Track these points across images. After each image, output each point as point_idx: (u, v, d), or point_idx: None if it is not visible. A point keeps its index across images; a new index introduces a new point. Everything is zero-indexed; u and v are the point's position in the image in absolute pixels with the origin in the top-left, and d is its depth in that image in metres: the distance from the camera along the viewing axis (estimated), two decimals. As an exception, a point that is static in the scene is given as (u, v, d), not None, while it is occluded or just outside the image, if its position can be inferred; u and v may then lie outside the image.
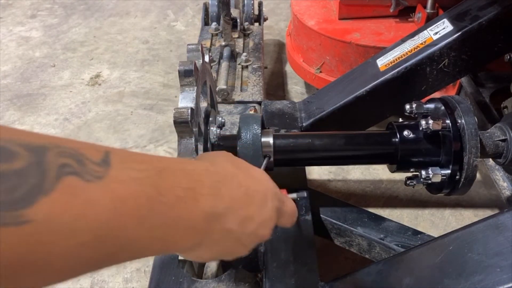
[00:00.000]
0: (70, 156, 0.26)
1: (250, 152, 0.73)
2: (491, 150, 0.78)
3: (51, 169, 0.25)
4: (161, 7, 2.32)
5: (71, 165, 0.26)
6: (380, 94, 0.92)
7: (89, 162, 0.27)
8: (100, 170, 0.27)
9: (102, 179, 0.27)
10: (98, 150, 0.28)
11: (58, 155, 0.25)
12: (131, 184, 0.28)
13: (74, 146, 0.27)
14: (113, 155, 0.28)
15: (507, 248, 0.61)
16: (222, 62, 1.20)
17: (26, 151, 0.24)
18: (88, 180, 0.26)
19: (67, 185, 0.25)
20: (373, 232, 0.89)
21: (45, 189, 0.24)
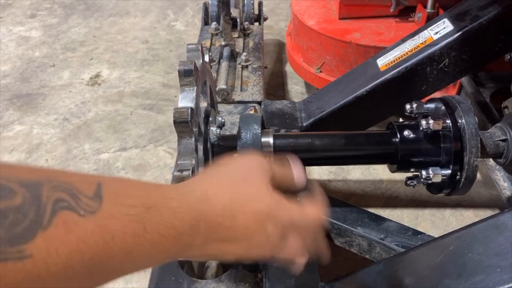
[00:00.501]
0: (64, 190, 0.27)
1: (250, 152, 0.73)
2: (491, 150, 0.78)
3: (48, 204, 0.26)
4: (161, 7, 2.32)
5: (65, 200, 0.27)
6: (380, 94, 0.92)
7: (82, 196, 0.28)
8: (93, 205, 0.28)
9: (95, 214, 0.28)
10: (90, 183, 0.30)
11: (53, 189, 0.27)
12: (120, 220, 0.30)
13: (68, 180, 0.28)
14: (105, 189, 0.30)
15: (507, 248, 0.61)
16: (222, 62, 1.20)
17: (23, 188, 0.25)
18: (82, 215, 0.27)
19: (63, 220, 0.26)
20: (373, 232, 0.89)
21: (44, 224, 0.25)
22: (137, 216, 0.31)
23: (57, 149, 1.44)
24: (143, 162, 1.38)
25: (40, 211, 0.25)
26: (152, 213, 0.32)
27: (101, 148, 1.44)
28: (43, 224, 0.25)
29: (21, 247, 0.24)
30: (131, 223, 0.31)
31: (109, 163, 1.38)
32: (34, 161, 1.39)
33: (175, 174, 0.57)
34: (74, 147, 1.45)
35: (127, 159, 1.39)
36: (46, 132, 1.52)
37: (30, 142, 1.47)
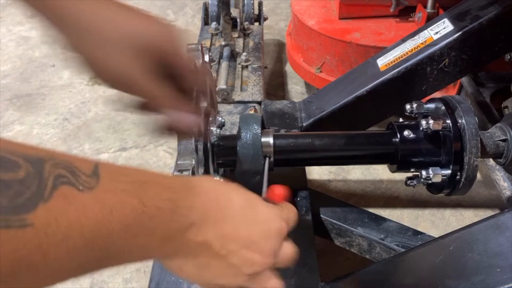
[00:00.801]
0: (65, 168, 0.29)
1: (250, 152, 0.73)
2: (491, 150, 0.78)
3: (49, 179, 0.27)
4: (161, 7, 2.32)
5: (66, 176, 0.28)
6: (380, 94, 0.92)
7: (81, 173, 0.29)
8: (91, 181, 0.30)
9: (93, 189, 0.29)
10: (88, 162, 0.31)
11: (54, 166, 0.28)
12: (118, 195, 0.31)
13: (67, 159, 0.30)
14: (102, 168, 0.31)
15: (507, 248, 0.61)
16: (222, 62, 1.20)
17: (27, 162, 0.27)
18: (81, 190, 0.29)
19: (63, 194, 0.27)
20: (373, 232, 0.89)
21: (45, 197, 0.26)
22: (133, 191, 0.32)
23: (57, 149, 1.43)
24: (143, 162, 1.38)
25: (42, 184, 0.27)
26: (147, 187, 0.34)
27: (101, 148, 1.44)
28: (44, 197, 0.26)
29: (23, 216, 0.25)
30: (128, 197, 0.32)
31: (109, 163, 1.38)
32: (34, 161, 1.39)
33: (175, 174, 0.57)
34: (74, 147, 1.45)
35: (127, 159, 1.39)
36: (46, 132, 1.52)
37: (30, 142, 1.47)
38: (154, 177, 0.35)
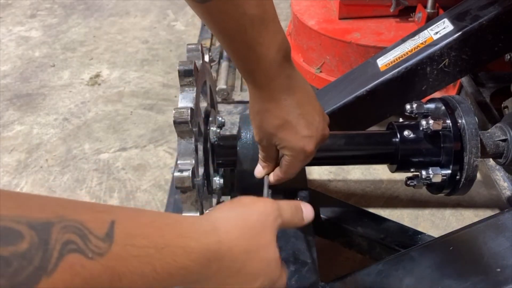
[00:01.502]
0: (75, 232, 0.27)
1: (250, 152, 0.73)
2: (491, 150, 0.78)
3: (55, 248, 0.26)
4: (161, 7, 2.32)
5: (75, 242, 0.27)
6: (380, 94, 0.92)
7: (93, 237, 0.28)
8: (103, 246, 0.28)
9: (103, 256, 0.28)
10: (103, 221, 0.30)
11: (63, 230, 0.26)
12: (130, 262, 0.30)
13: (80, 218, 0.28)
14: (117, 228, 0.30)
15: (507, 249, 0.61)
16: (222, 62, 1.20)
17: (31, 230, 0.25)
18: (90, 258, 0.27)
19: (70, 264, 0.26)
20: (373, 232, 0.89)
21: (49, 270, 0.25)
22: (148, 257, 0.31)
23: (57, 149, 1.44)
24: (143, 162, 1.38)
25: (47, 256, 0.25)
26: (164, 253, 0.33)
27: (101, 148, 1.44)
28: (48, 270, 0.25)
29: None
30: (140, 264, 0.31)
31: (109, 163, 1.38)
32: (34, 161, 1.39)
33: (175, 174, 0.57)
34: (74, 147, 1.45)
35: (127, 159, 1.39)
36: (46, 132, 1.52)
37: (30, 142, 1.47)
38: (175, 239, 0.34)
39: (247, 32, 0.51)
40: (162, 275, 0.32)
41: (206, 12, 0.51)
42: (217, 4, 0.49)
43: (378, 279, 0.68)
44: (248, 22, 0.50)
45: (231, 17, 0.50)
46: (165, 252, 0.33)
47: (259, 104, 0.58)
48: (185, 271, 0.35)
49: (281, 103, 0.57)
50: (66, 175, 1.34)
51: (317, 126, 0.60)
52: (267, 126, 0.59)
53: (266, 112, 0.58)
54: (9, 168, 1.37)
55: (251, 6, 0.49)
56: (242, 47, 0.53)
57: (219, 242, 0.38)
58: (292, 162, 0.63)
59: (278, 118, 0.58)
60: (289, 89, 0.57)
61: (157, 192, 1.27)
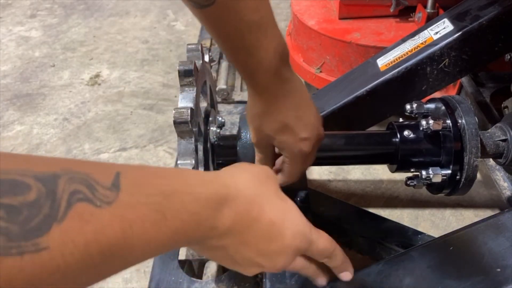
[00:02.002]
0: (81, 182, 0.28)
1: (250, 152, 0.73)
2: (491, 150, 0.78)
3: (63, 197, 0.26)
4: (161, 6, 2.32)
5: (82, 191, 0.27)
6: (380, 94, 0.92)
7: (99, 187, 0.28)
8: (110, 195, 0.29)
9: (111, 204, 0.28)
10: (109, 172, 0.30)
11: (69, 181, 0.27)
12: (138, 209, 0.30)
13: (85, 171, 0.29)
14: (123, 178, 0.30)
15: (507, 249, 0.61)
16: (222, 62, 1.20)
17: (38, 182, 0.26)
18: (98, 206, 0.28)
19: (78, 212, 0.27)
20: (373, 232, 0.89)
21: (59, 217, 0.26)
22: (156, 204, 0.31)
23: (57, 149, 1.44)
24: (143, 162, 1.38)
25: (55, 204, 0.26)
26: (172, 200, 0.33)
27: (101, 148, 1.44)
28: (58, 217, 0.26)
29: (37, 240, 0.24)
30: (150, 212, 0.31)
31: (109, 163, 1.38)
32: (34, 161, 1.39)
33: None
34: (74, 147, 1.45)
35: (127, 159, 1.39)
36: (46, 132, 1.52)
37: (30, 142, 1.47)
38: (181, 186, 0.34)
39: (245, 37, 0.52)
40: (174, 223, 0.32)
41: (204, 18, 0.52)
42: (215, 10, 0.50)
43: (378, 279, 0.68)
44: (246, 28, 0.51)
45: (228, 23, 0.51)
46: (173, 199, 0.33)
47: (258, 107, 0.59)
48: (197, 217, 0.34)
49: (280, 106, 0.58)
50: (66, 175, 1.34)
51: (313, 127, 0.62)
52: (266, 129, 0.61)
53: (265, 115, 0.59)
54: (9, 168, 1.37)
55: (248, 12, 0.50)
56: (240, 52, 0.54)
57: (226, 186, 0.39)
58: (292, 164, 0.64)
59: (277, 122, 0.59)
60: (287, 92, 0.58)
61: (157, 192, 1.27)
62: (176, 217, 0.33)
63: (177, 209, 0.33)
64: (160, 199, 0.32)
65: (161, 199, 0.32)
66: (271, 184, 0.44)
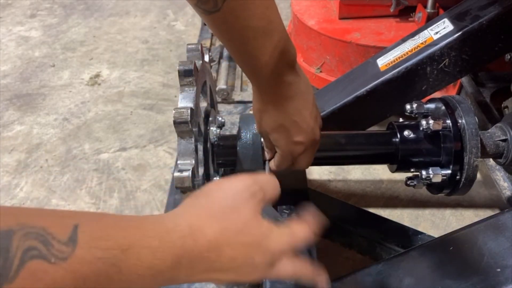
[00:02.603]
0: (36, 238, 0.27)
1: (250, 152, 0.73)
2: (491, 150, 0.78)
3: (16, 255, 0.26)
4: (161, 6, 2.32)
5: (36, 248, 0.27)
6: (380, 94, 0.92)
7: (55, 242, 0.28)
8: (65, 250, 0.28)
9: (66, 260, 0.28)
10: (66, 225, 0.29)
11: (24, 237, 0.27)
12: (94, 264, 0.30)
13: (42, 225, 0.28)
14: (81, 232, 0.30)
15: (507, 249, 0.61)
16: (222, 62, 1.20)
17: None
18: (52, 262, 0.27)
19: (31, 270, 0.26)
20: (373, 232, 0.89)
21: (10, 277, 0.25)
22: (112, 258, 0.31)
23: (57, 149, 1.44)
24: (143, 162, 1.38)
25: (8, 263, 0.25)
26: (128, 254, 0.32)
27: (101, 148, 1.44)
28: (8, 277, 0.25)
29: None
30: (105, 266, 0.30)
31: (109, 163, 1.38)
32: (34, 161, 1.39)
33: (175, 174, 0.57)
34: (74, 147, 1.45)
35: (127, 159, 1.39)
36: (46, 132, 1.52)
37: (30, 142, 1.47)
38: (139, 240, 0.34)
39: (250, 43, 0.53)
40: (130, 277, 0.32)
41: (211, 23, 0.53)
42: (221, 16, 0.50)
43: (378, 279, 0.68)
44: (251, 34, 0.52)
45: (234, 29, 0.52)
46: (130, 253, 0.32)
47: (260, 104, 0.61)
48: (154, 271, 0.34)
49: (279, 108, 0.60)
50: (66, 175, 1.34)
51: (309, 132, 0.63)
52: (264, 125, 0.63)
53: (265, 113, 0.61)
54: (9, 168, 1.37)
55: (254, 18, 0.51)
56: (245, 55, 0.55)
57: (182, 237, 0.38)
58: (281, 160, 0.67)
59: (274, 121, 0.61)
60: (289, 96, 0.59)
61: (157, 192, 1.27)
62: (132, 271, 0.32)
63: (133, 263, 0.32)
64: (117, 253, 0.31)
65: (117, 253, 0.31)
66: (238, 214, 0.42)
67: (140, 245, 0.34)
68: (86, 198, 1.26)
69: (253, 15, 0.51)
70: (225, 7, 0.49)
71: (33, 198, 1.26)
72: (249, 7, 0.50)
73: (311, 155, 0.68)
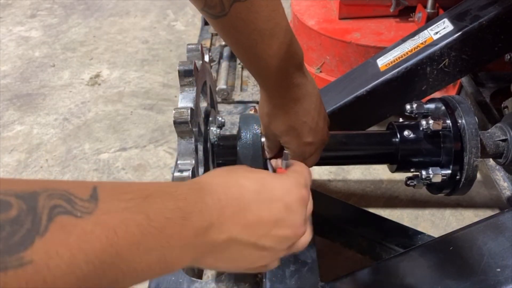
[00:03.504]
0: (60, 197, 0.28)
1: (250, 152, 0.73)
2: (491, 150, 0.78)
3: (44, 212, 0.27)
4: (161, 7, 2.32)
5: (61, 206, 0.28)
6: (380, 94, 0.92)
7: (78, 200, 0.29)
8: (89, 206, 0.29)
9: (92, 213, 0.29)
10: (86, 187, 0.30)
11: (48, 198, 0.27)
12: (120, 214, 0.30)
13: (63, 187, 0.29)
14: (101, 190, 0.30)
15: (507, 248, 0.61)
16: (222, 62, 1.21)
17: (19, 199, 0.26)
18: (79, 217, 0.28)
19: (60, 224, 0.27)
20: (373, 232, 0.89)
21: (40, 231, 0.26)
22: (136, 206, 0.31)
23: (57, 149, 1.44)
24: (143, 162, 1.38)
25: (36, 219, 0.26)
26: (151, 200, 0.33)
27: (101, 148, 1.44)
28: (40, 231, 0.26)
29: (20, 255, 0.24)
30: (131, 215, 0.31)
31: (109, 163, 1.38)
32: (34, 161, 1.39)
33: (175, 174, 0.57)
34: (74, 147, 1.45)
35: (127, 159, 1.39)
36: (46, 132, 1.52)
37: (30, 142, 1.47)
38: (158, 189, 0.35)
39: (257, 45, 0.53)
40: (159, 221, 0.32)
41: (218, 27, 0.53)
42: (228, 20, 0.51)
43: (378, 279, 0.68)
44: (258, 37, 0.52)
45: (241, 32, 0.52)
46: (152, 199, 0.33)
47: (268, 108, 0.61)
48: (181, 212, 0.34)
49: (289, 111, 0.60)
50: (66, 175, 1.34)
51: (319, 133, 0.64)
52: (273, 128, 0.63)
53: (274, 117, 0.62)
54: (9, 168, 1.37)
55: (262, 21, 0.51)
56: (253, 59, 0.56)
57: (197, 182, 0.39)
58: None
59: (284, 124, 0.61)
60: (298, 98, 0.59)
61: (157, 192, 1.27)
62: (160, 214, 0.32)
63: (158, 208, 0.33)
64: (140, 202, 0.32)
65: (140, 201, 0.32)
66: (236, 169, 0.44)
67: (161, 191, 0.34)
68: (86, 198, 1.26)
69: (259, 18, 0.51)
70: (232, 11, 0.50)
71: (33, 198, 1.26)
72: (256, 10, 0.50)
73: (319, 154, 0.68)
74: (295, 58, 0.57)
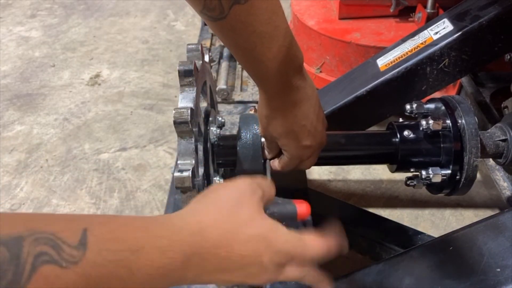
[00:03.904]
0: (47, 243, 0.27)
1: (250, 152, 0.73)
2: (491, 150, 0.78)
3: (27, 261, 0.26)
4: (161, 7, 2.32)
5: (47, 253, 0.27)
6: (380, 94, 0.92)
7: (66, 246, 0.28)
8: (76, 255, 0.28)
9: (78, 264, 0.28)
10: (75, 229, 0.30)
11: (34, 243, 0.27)
12: (105, 267, 0.30)
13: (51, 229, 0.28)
14: (90, 235, 0.30)
15: (507, 248, 0.61)
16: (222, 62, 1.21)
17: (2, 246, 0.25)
18: (64, 267, 0.27)
19: (43, 275, 0.26)
20: (373, 232, 0.89)
21: (22, 283, 0.25)
22: (123, 260, 0.31)
23: (57, 149, 1.44)
24: (143, 162, 1.38)
25: (19, 269, 0.25)
26: (139, 255, 0.33)
27: (101, 148, 1.44)
28: (21, 283, 0.25)
29: None
30: (117, 269, 0.31)
31: (109, 163, 1.38)
32: (34, 161, 1.39)
33: (175, 174, 0.57)
34: (74, 147, 1.45)
35: (127, 159, 1.39)
36: (46, 132, 1.52)
37: (30, 142, 1.47)
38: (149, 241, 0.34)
39: (256, 48, 0.52)
40: (141, 277, 0.32)
41: (218, 30, 0.53)
42: (227, 23, 0.50)
43: (378, 279, 0.68)
44: (258, 40, 0.52)
45: (241, 35, 0.52)
46: (140, 254, 0.33)
47: (267, 110, 0.61)
48: (164, 270, 0.34)
49: (287, 114, 0.60)
50: (66, 175, 1.34)
51: (317, 136, 0.64)
52: (272, 131, 0.63)
53: (273, 119, 0.61)
54: (9, 168, 1.37)
55: (261, 24, 0.51)
56: (252, 61, 0.55)
57: (192, 235, 0.38)
58: (288, 163, 0.67)
59: (283, 127, 0.61)
60: (297, 101, 0.59)
61: (157, 192, 1.27)
62: (143, 272, 0.33)
63: (144, 264, 0.33)
64: (127, 255, 0.32)
65: (128, 255, 0.32)
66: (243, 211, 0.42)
67: (150, 245, 0.34)
68: (86, 198, 1.26)
69: (259, 21, 0.51)
70: (231, 14, 0.49)
71: (33, 198, 1.26)
72: (255, 12, 0.50)
73: (317, 156, 0.68)
74: (295, 61, 0.57)
